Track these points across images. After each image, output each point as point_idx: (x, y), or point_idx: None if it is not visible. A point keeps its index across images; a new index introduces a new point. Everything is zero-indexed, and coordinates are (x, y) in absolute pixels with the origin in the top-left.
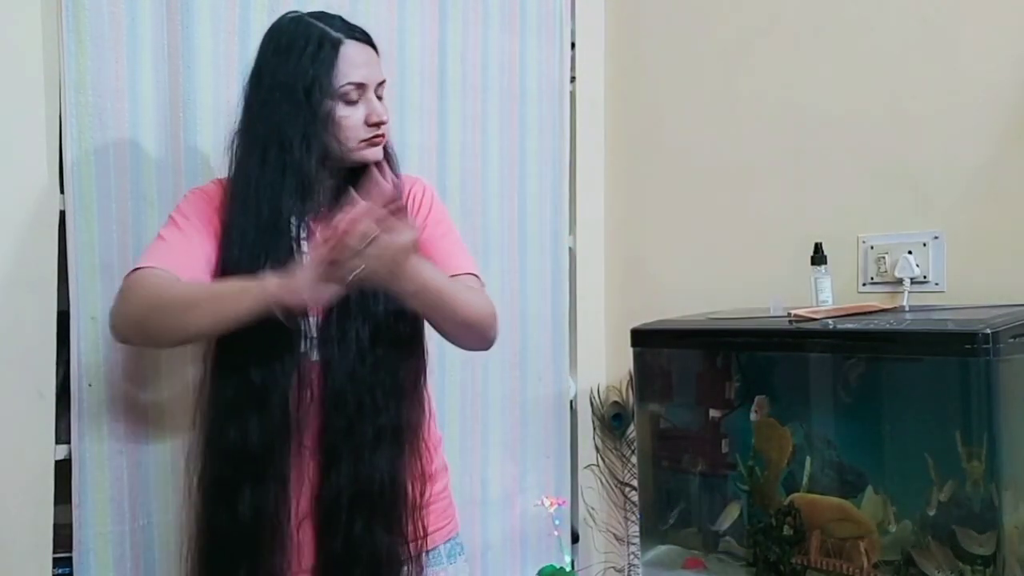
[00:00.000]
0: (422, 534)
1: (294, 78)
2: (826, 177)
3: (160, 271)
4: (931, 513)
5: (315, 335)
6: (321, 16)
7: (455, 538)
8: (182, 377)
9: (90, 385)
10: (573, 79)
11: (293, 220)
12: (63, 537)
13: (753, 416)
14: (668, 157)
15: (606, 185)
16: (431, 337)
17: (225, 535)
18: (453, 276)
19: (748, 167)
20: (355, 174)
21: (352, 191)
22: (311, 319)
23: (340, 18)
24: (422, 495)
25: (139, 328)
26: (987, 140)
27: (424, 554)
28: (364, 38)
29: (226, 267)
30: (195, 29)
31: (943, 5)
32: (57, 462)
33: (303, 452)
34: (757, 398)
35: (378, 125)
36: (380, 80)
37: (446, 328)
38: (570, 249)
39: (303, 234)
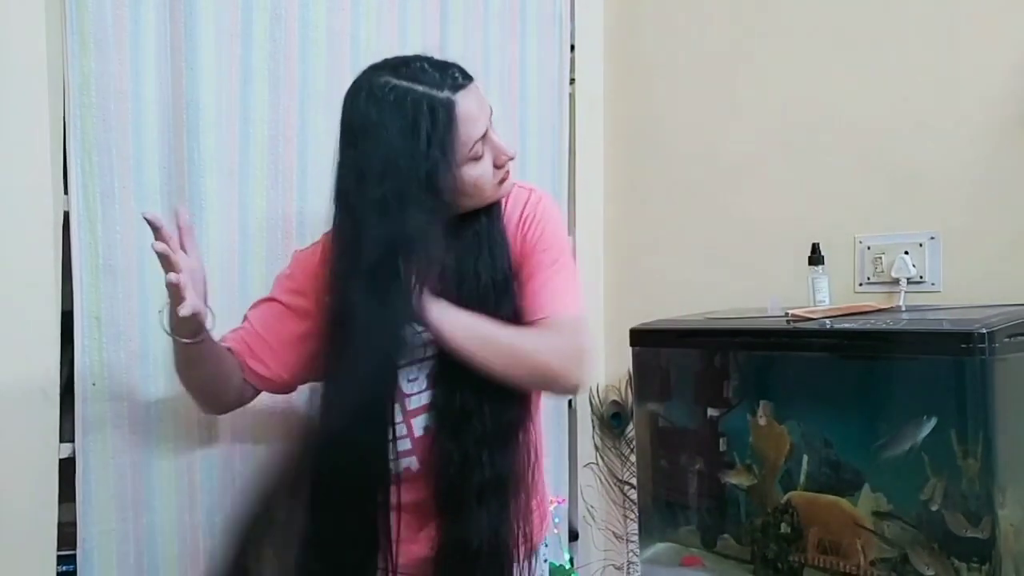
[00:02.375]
0: None
1: (416, 163)
2: (824, 178)
3: None
4: (927, 511)
5: (421, 405)
6: (410, 73)
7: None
8: None
9: (94, 384)
10: (572, 81)
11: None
12: (67, 535)
13: (761, 421)
14: (667, 158)
15: (605, 186)
16: None
17: None
18: (535, 321)
19: (746, 168)
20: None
21: None
22: (418, 395)
23: (426, 64)
24: (529, 547)
25: None
26: (984, 141)
27: None
28: (465, 79)
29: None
30: (198, 30)
31: (941, 6)
32: (61, 460)
33: (410, 519)
34: (762, 403)
35: (507, 162)
36: (490, 113)
37: (494, 376)
38: None
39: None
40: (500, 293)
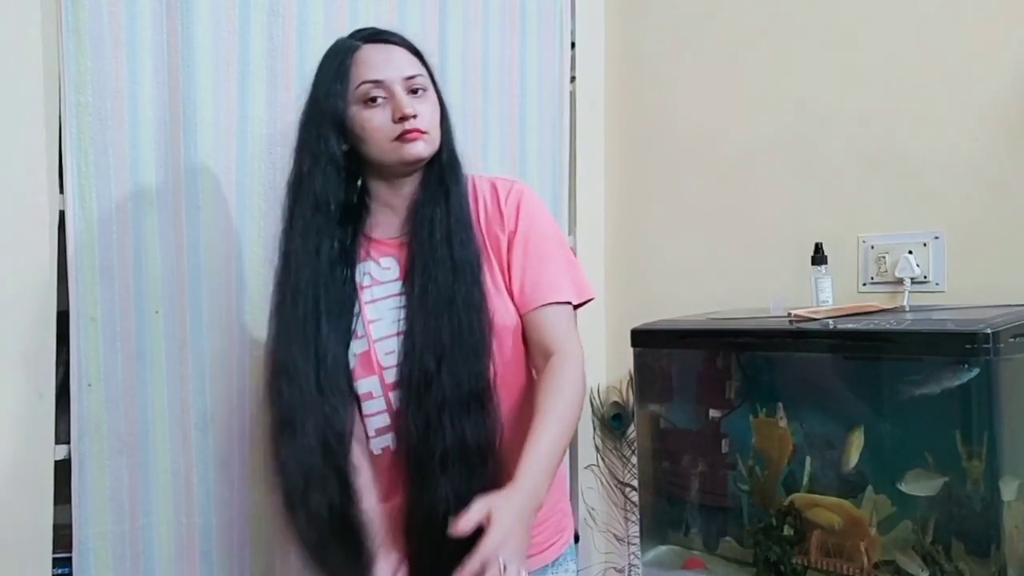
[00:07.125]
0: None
1: (320, 96)
2: (827, 177)
3: None
4: (931, 513)
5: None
6: (355, 32)
7: (567, 550)
8: (181, 377)
9: (90, 385)
10: (573, 79)
11: (341, 244)
12: (63, 537)
13: (782, 422)
14: (668, 157)
15: (606, 185)
16: None
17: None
18: (536, 309)
19: (748, 167)
20: (428, 185)
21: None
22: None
23: (374, 28)
24: None
25: None
26: (987, 140)
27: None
28: (388, 39)
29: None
30: (194, 28)
31: (944, 4)
32: (57, 462)
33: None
34: (779, 405)
35: (404, 119)
36: (405, 75)
37: None
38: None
39: (361, 252)
40: (473, 271)
